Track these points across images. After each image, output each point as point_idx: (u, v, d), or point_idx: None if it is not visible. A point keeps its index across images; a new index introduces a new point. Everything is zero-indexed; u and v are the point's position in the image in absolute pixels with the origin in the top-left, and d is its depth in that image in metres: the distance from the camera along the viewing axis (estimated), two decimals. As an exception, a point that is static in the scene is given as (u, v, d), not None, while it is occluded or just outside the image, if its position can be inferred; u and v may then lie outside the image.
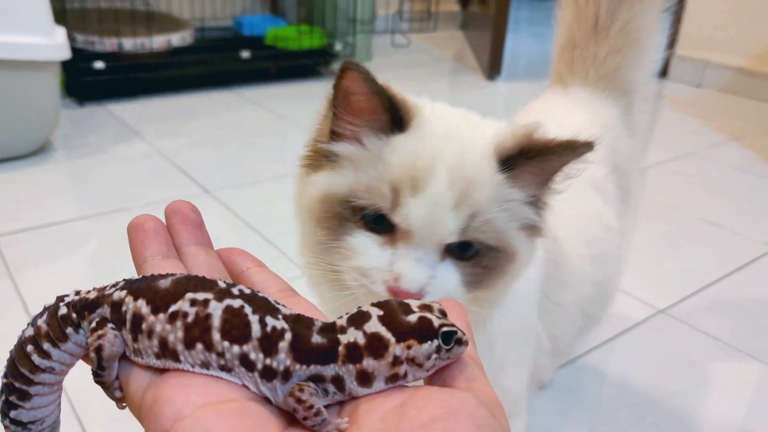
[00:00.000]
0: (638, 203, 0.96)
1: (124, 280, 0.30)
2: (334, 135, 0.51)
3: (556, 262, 0.67)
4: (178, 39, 2.27)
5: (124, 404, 0.30)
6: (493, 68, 2.63)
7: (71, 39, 1.91)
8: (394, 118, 0.49)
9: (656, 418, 0.94)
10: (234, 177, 1.63)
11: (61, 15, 1.89)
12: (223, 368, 0.28)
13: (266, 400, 0.28)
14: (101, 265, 1.25)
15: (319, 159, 0.53)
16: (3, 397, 0.31)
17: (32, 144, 1.68)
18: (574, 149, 0.48)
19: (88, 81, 2.06)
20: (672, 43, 2.80)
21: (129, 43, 2.15)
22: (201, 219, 0.37)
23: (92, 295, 0.30)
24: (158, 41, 2.20)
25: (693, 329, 1.13)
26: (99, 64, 2.04)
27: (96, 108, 2.08)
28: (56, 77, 1.67)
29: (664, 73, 2.83)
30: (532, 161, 0.49)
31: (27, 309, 1.07)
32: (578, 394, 0.99)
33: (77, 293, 0.31)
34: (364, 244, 0.49)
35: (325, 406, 0.28)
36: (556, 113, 0.88)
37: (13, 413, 0.31)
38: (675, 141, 2.11)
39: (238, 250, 0.37)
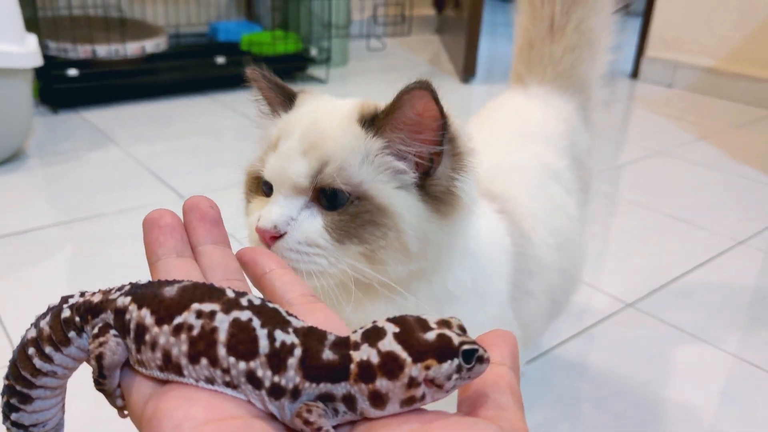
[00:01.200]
0: (594, 196, 0.99)
1: (130, 283, 0.29)
2: (258, 126, 0.61)
3: (525, 254, 0.68)
4: (152, 45, 2.26)
5: (126, 413, 0.29)
6: (467, 71, 2.65)
7: (44, 47, 1.90)
8: (286, 99, 0.59)
9: (623, 408, 0.96)
10: (209, 182, 1.64)
11: (33, 23, 1.88)
12: (228, 384, 0.26)
13: (272, 417, 0.27)
14: (76, 271, 1.25)
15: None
16: (4, 399, 0.30)
17: (5, 151, 1.67)
18: (409, 91, 0.50)
19: (62, 88, 2.05)
20: (642, 45, 2.85)
21: (103, 50, 2.14)
22: (219, 216, 0.36)
23: (96, 299, 0.29)
24: (132, 48, 2.19)
25: (660, 322, 1.16)
26: (72, 72, 2.04)
27: (70, 115, 2.07)
28: (29, 84, 1.67)
29: (635, 74, 2.88)
30: (384, 115, 0.52)
31: (1, 317, 1.06)
32: (546, 386, 1.01)
33: (82, 294, 0.30)
34: (254, 205, 0.56)
35: (336, 426, 0.26)
36: (516, 108, 0.91)
37: (14, 416, 0.30)
38: (646, 140, 2.15)
39: (262, 250, 0.36)
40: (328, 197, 0.52)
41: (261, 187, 0.56)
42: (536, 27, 0.90)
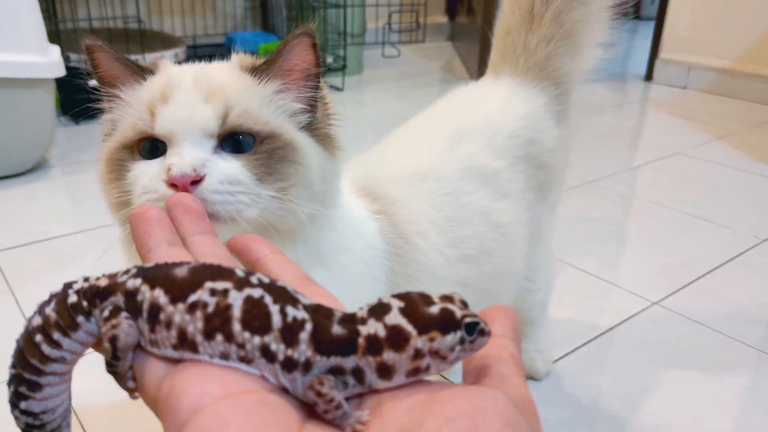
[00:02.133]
0: (560, 196, 0.93)
1: (136, 267, 0.29)
2: (109, 110, 0.57)
3: (402, 257, 0.67)
4: (171, 56, 2.30)
5: (136, 395, 0.30)
6: (482, 76, 2.66)
7: (65, 58, 1.93)
8: (143, 71, 0.56)
9: (652, 406, 0.96)
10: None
11: (54, 35, 1.92)
12: (242, 359, 0.27)
13: (284, 391, 0.27)
14: (101, 276, 1.27)
15: (105, 140, 0.58)
16: (12, 388, 0.30)
17: (30, 161, 1.70)
18: (295, 37, 0.53)
19: (83, 99, 2.08)
20: (656, 47, 2.85)
21: (122, 61, 2.17)
22: (203, 210, 0.37)
23: (103, 283, 0.29)
24: (151, 58, 2.22)
25: (686, 319, 1.16)
26: (93, 82, 2.06)
27: (91, 125, 2.10)
28: (51, 95, 1.70)
29: (649, 76, 2.88)
30: (269, 64, 0.54)
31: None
32: (573, 383, 1.01)
33: (86, 279, 0.30)
34: (141, 169, 0.53)
35: (346, 398, 0.27)
36: (465, 102, 0.86)
37: (23, 404, 0.30)
38: (662, 142, 2.15)
39: (254, 237, 0.37)
40: (233, 143, 0.52)
41: (138, 152, 0.53)
42: (514, 13, 0.85)
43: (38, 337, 0.29)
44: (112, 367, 0.29)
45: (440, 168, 0.76)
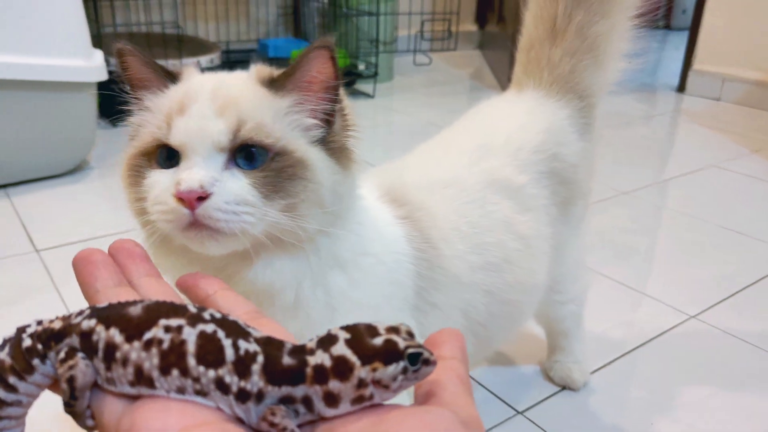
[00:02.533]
0: (587, 212, 0.94)
1: (89, 308, 0.30)
2: (134, 113, 0.58)
3: (428, 261, 0.68)
4: (206, 60, 2.33)
5: None
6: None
7: (105, 62, 1.97)
8: (168, 77, 0.57)
9: (690, 420, 0.95)
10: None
11: (96, 39, 1.96)
12: (198, 393, 0.28)
13: (240, 422, 0.28)
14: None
15: (128, 143, 0.59)
16: None
17: (72, 162, 1.74)
18: (312, 50, 0.53)
19: (121, 102, 2.12)
20: (689, 58, 2.82)
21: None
22: (146, 252, 0.37)
23: (57, 325, 0.30)
24: (188, 63, 2.26)
25: (725, 333, 1.15)
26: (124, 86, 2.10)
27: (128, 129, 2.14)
28: (94, 98, 1.73)
29: (682, 87, 2.86)
30: (286, 76, 0.55)
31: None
32: (611, 396, 1.01)
33: (39, 323, 0.31)
34: (156, 178, 0.53)
35: (298, 426, 0.28)
36: (489, 117, 0.87)
37: None
38: (695, 154, 2.13)
39: (202, 275, 0.37)
40: (245, 157, 0.52)
41: (155, 160, 0.54)
42: (537, 28, 0.85)
43: None
44: (70, 407, 0.29)
45: (465, 178, 0.77)
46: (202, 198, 0.49)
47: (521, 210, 0.78)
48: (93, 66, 1.66)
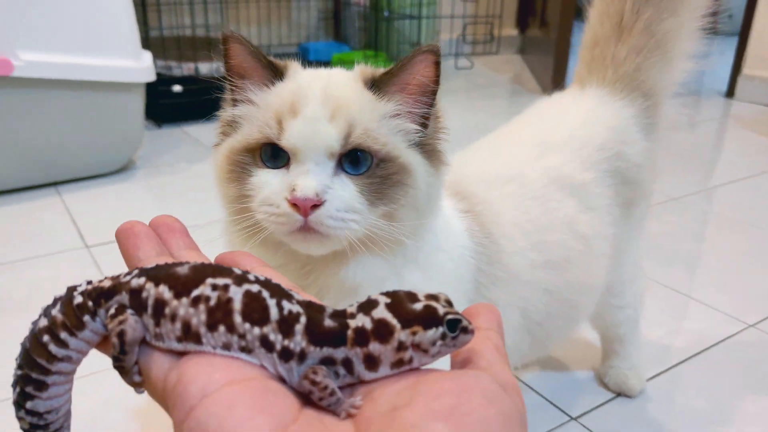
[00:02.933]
0: (647, 213, 0.91)
1: (137, 269, 0.31)
2: (233, 102, 0.58)
3: (489, 257, 0.67)
4: (249, 64, 2.36)
5: (142, 389, 0.31)
6: (556, 89, 2.63)
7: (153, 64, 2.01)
8: (273, 71, 0.56)
9: (755, 430, 0.92)
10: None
11: (144, 42, 1.99)
12: (243, 349, 0.28)
13: (282, 381, 0.29)
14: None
15: (225, 131, 0.58)
16: (18, 389, 0.31)
17: (120, 161, 1.77)
18: (419, 53, 0.53)
19: (167, 103, 2.16)
20: (739, 63, 2.76)
21: (205, 67, 2.24)
22: (185, 228, 0.38)
23: (107, 284, 0.31)
24: (232, 66, 2.29)
25: (785, 343, 1.11)
26: (177, 88, 2.14)
27: (173, 129, 2.17)
28: (142, 99, 1.76)
29: (730, 92, 2.79)
30: (390, 78, 0.54)
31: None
32: (669, 404, 0.97)
33: (89, 283, 0.31)
34: (265, 178, 0.53)
35: (340, 389, 0.29)
36: (552, 114, 0.85)
37: (29, 404, 0.31)
38: (745, 160, 2.07)
39: (241, 252, 0.37)
40: (351, 161, 0.53)
41: (260, 157, 0.54)
42: (603, 24, 0.84)
43: (45, 338, 0.30)
44: (119, 362, 0.30)
45: (527, 174, 0.75)
46: (316, 205, 0.50)
47: (584, 209, 0.76)
48: (142, 67, 1.69)
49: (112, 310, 0.30)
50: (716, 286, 1.30)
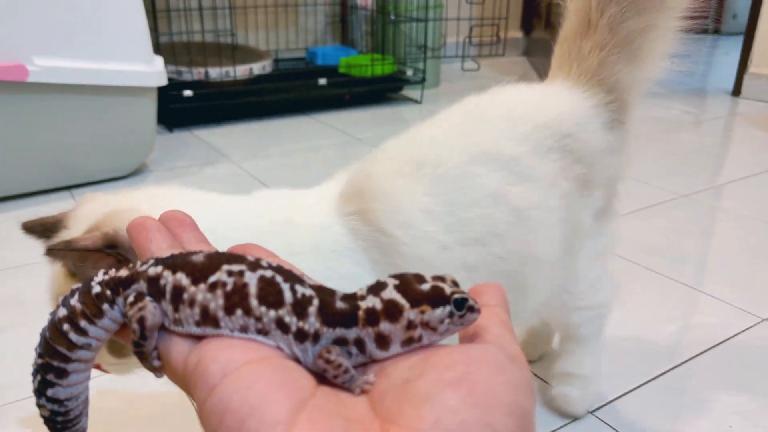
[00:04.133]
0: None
1: (153, 258, 0.32)
2: None
3: (381, 249, 0.69)
4: (258, 68, 2.38)
5: (161, 374, 0.32)
6: (561, 90, 2.64)
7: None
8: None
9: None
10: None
11: (154, 48, 2.02)
12: (260, 332, 0.30)
13: (297, 361, 0.30)
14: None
15: None
16: (39, 377, 0.32)
17: (133, 165, 1.79)
18: None
19: (178, 108, 2.18)
20: (744, 62, 2.76)
21: (215, 72, 2.27)
22: (195, 222, 0.38)
23: (124, 273, 0.32)
24: (241, 70, 2.31)
25: (796, 336, 1.12)
26: (187, 92, 2.16)
27: (184, 133, 2.20)
28: (154, 103, 1.78)
29: (737, 91, 2.79)
30: None
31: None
32: (687, 397, 0.98)
33: (106, 273, 0.32)
34: None
35: (354, 368, 0.30)
36: (500, 95, 0.83)
37: (50, 392, 0.32)
38: (754, 158, 2.08)
39: (252, 245, 0.38)
40: None
41: None
42: (571, 21, 0.84)
43: (65, 326, 0.31)
44: (139, 347, 0.31)
45: (444, 155, 0.73)
46: None
47: (515, 181, 0.74)
48: (155, 71, 1.71)
49: (131, 298, 0.31)
50: (728, 281, 1.31)
